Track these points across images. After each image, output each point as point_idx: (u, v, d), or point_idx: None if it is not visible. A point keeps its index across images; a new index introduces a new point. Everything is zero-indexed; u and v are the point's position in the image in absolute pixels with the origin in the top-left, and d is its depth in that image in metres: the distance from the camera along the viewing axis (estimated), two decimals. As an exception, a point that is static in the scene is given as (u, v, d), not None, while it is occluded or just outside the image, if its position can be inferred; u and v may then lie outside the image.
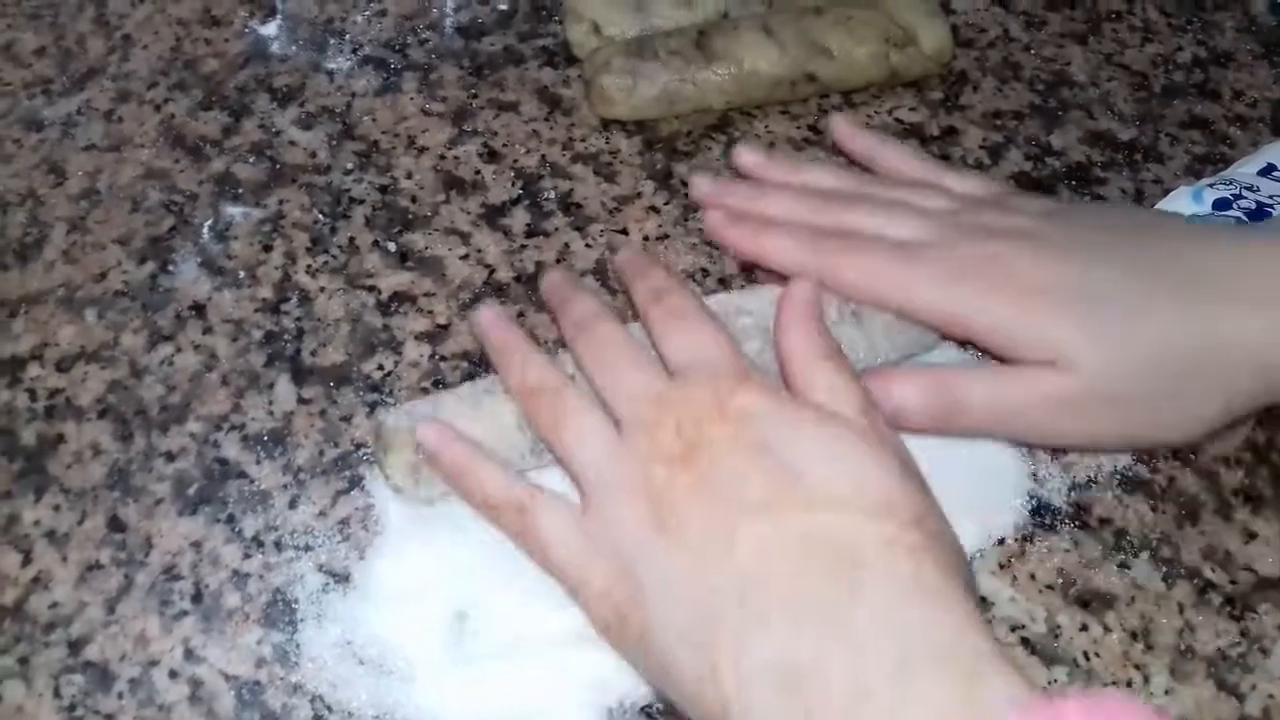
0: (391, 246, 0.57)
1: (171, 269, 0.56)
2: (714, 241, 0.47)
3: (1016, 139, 0.63)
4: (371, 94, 0.64)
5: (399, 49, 0.66)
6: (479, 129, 0.62)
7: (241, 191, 0.59)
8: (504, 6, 0.68)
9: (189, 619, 0.45)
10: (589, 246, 0.57)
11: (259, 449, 0.50)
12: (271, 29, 0.67)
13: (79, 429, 0.51)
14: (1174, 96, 0.65)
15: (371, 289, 0.55)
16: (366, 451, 0.50)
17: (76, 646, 0.45)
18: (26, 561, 0.47)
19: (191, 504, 0.48)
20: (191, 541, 0.47)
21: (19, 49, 0.66)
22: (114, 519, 0.48)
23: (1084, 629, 0.46)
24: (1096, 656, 0.45)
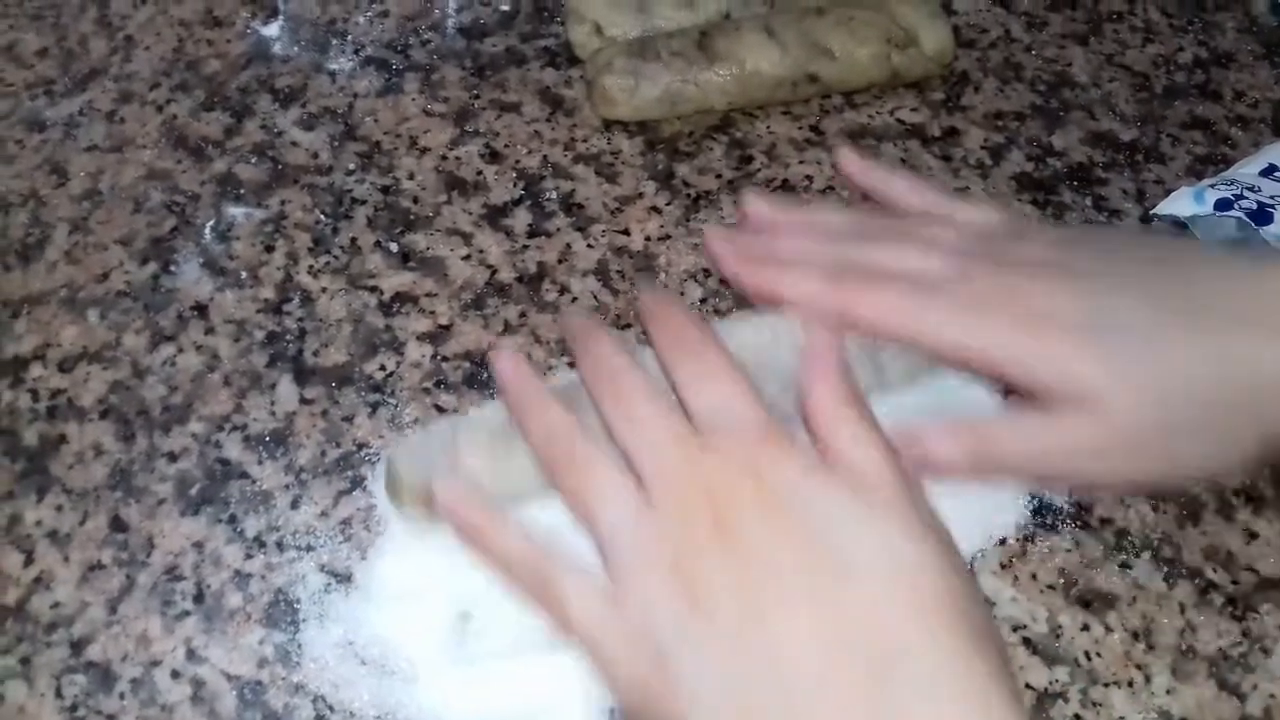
0: (393, 247, 0.57)
1: (173, 269, 0.56)
2: (723, 272, 0.46)
3: (1018, 139, 0.63)
4: (373, 95, 0.64)
5: (401, 50, 0.66)
6: (481, 129, 0.62)
7: (243, 192, 0.59)
8: (506, 7, 0.68)
9: (191, 619, 0.46)
10: (590, 247, 0.57)
11: (261, 449, 0.50)
12: (273, 30, 0.67)
13: (81, 429, 0.51)
14: (1175, 97, 0.65)
15: (373, 289, 0.55)
16: (369, 452, 0.50)
17: (78, 646, 0.45)
18: (29, 561, 0.47)
19: (193, 504, 0.48)
20: (193, 542, 0.47)
21: (21, 50, 0.66)
22: (116, 519, 0.48)
23: (1085, 629, 0.46)
24: (1098, 656, 0.45)
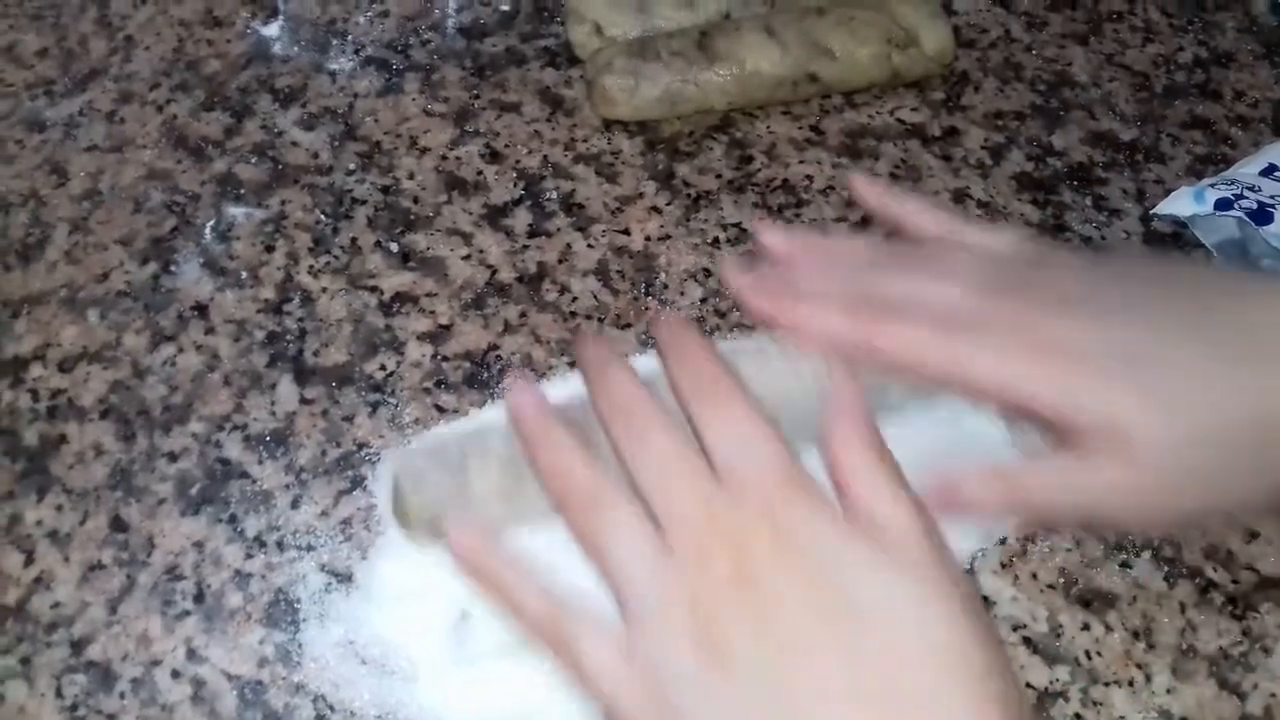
0: (394, 247, 0.57)
1: (174, 269, 0.56)
2: (742, 303, 0.45)
3: (1018, 139, 0.63)
4: (373, 95, 0.64)
5: (401, 50, 0.66)
6: (481, 130, 0.62)
7: (243, 192, 0.59)
8: (506, 7, 0.68)
9: (191, 619, 0.46)
10: (591, 247, 0.57)
11: (261, 449, 0.50)
12: (273, 30, 0.67)
13: (81, 429, 0.51)
14: (1175, 97, 0.65)
15: (374, 289, 0.55)
16: (369, 451, 0.50)
17: (79, 646, 0.45)
18: (29, 561, 0.47)
19: (194, 504, 0.48)
20: (194, 541, 0.47)
21: (21, 50, 0.66)
22: (116, 519, 0.48)
23: (1086, 628, 0.46)
24: (1098, 656, 0.45)
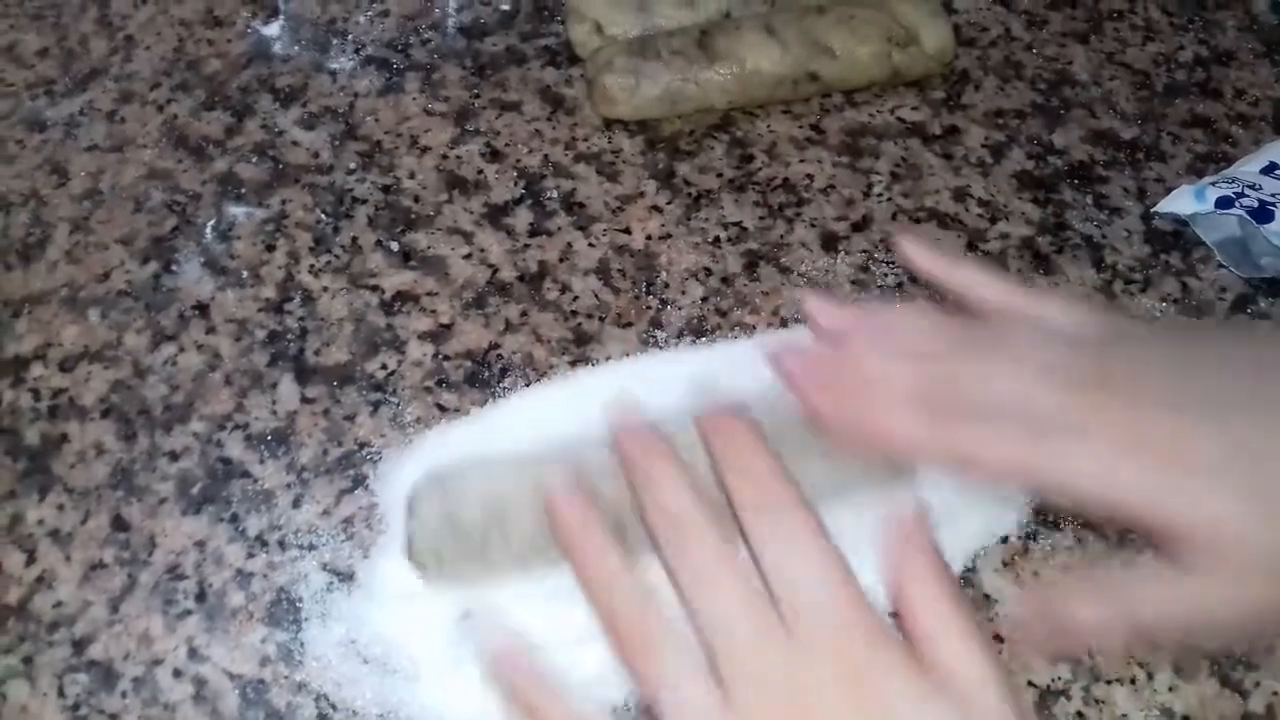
0: (394, 246, 0.57)
1: (174, 269, 0.56)
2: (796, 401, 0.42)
3: (1018, 138, 0.63)
4: (374, 94, 0.64)
5: (401, 49, 0.66)
6: (481, 129, 0.62)
7: (244, 191, 0.59)
8: (506, 6, 0.68)
9: (193, 618, 0.46)
10: (592, 246, 0.57)
11: (262, 448, 0.50)
12: (274, 29, 0.67)
13: (82, 429, 0.51)
14: (1176, 95, 0.65)
15: (374, 288, 0.55)
16: (370, 450, 0.50)
17: (80, 646, 0.45)
18: (30, 561, 0.47)
19: (195, 503, 0.48)
20: (195, 541, 0.47)
21: (22, 50, 0.66)
22: (117, 518, 0.48)
23: (1088, 627, 0.46)
24: (1100, 654, 0.45)
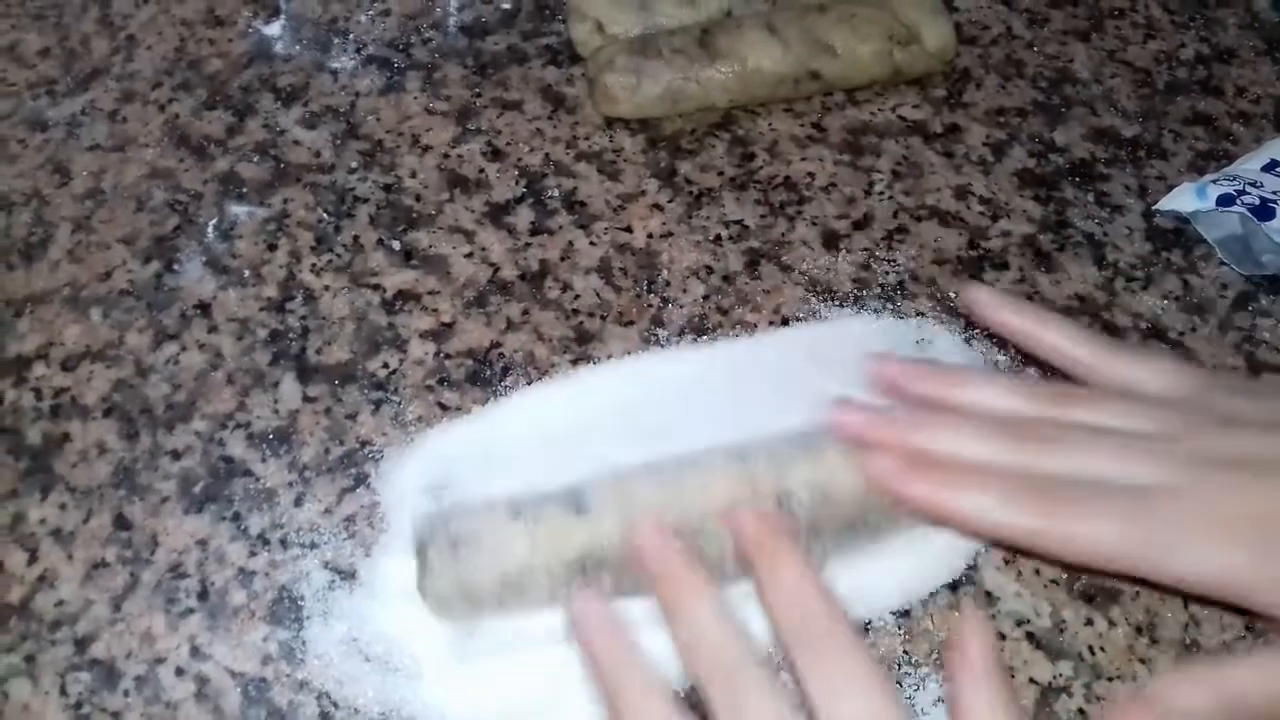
0: (396, 245, 0.57)
1: (176, 268, 0.56)
2: (881, 489, 0.40)
3: (1020, 136, 0.63)
4: (375, 93, 0.64)
5: (403, 48, 0.66)
6: (483, 128, 0.62)
7: (246, 191, 0.59)
8: (507, 5, 0.68)
9: (195, 616, 0.46)
10: (593, 244, 0.57)
11: (264, 447, 0.50)
12: (275, 29, 0.67)
13: (84, 428, 0.51)
14: (1177, 93, 0.65)
15: (376, 287, 0.55)
16: (372, 449, 0.50)
17: (83, 644, 0.45)
18: (33, 560, 0.47)
19: (197, 502, 0.48)
20: (197, 539, 0.47)
21: (23, 49, 0.66)
22: (120, 517, 0.48)
23: (1089, 623, 0.46)
24: (1101, 651, 0.45)
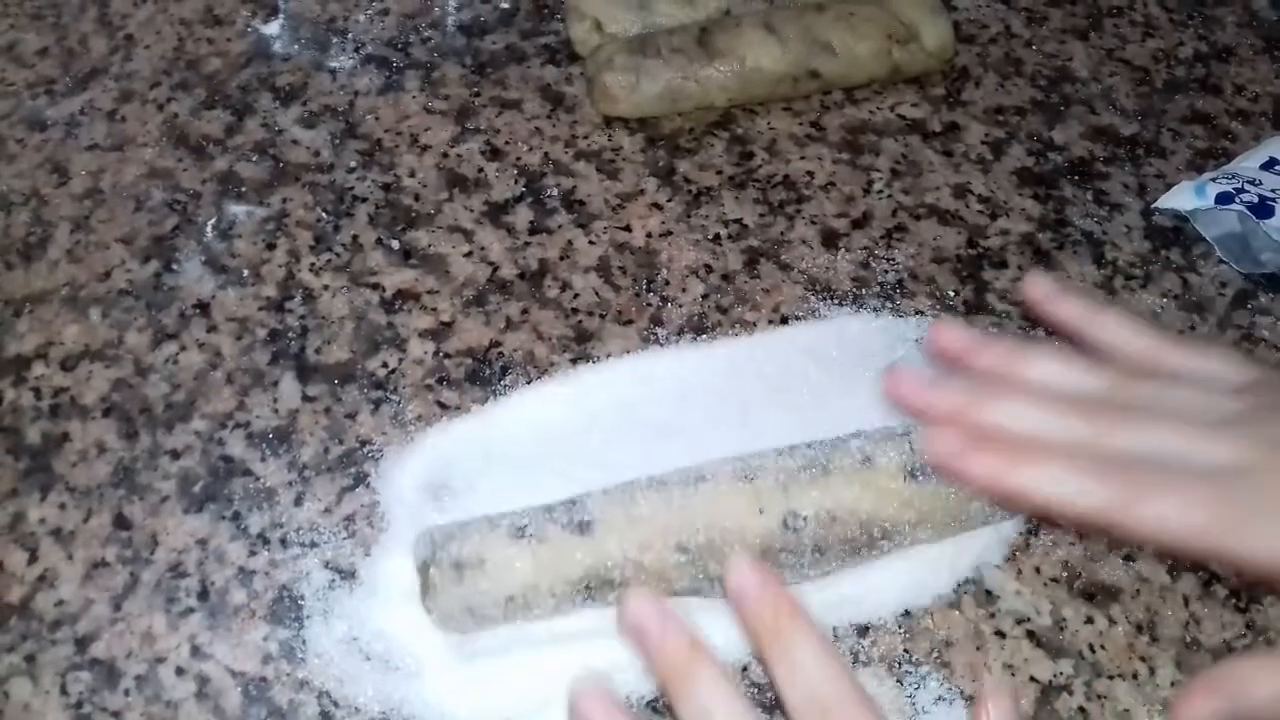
0: (395, 244, 0.57)
1: (175, 268, 0.56)
2: (943, 466, 0.37)
3: (1018, 134, 0.63)
4: (374, 92, 0.64)
5: (401, 48, 0.66)
6: (481, 127, 0.62)
7: (245, 190, 0.59)
8: (506, 5, 0.68)
9: (195, 616, 0.46)
10: (592, 243, 0.57)
11: (264, 446, 0.50)
12: (274, 28, 0.67)
13: (84, 427, 0.51)
14: (1175, 91, 0.65)
15: (375, 286, 0.55)
16: (371, 448, 0.50)
17: (83, 644, 0.45)
18: (33, 560, 0.47)
19: (197, 501, 0.48)
20: (197, 539, 0.47)
21: (22, 49, 0.66)
22: (119, 517, 0.48)
23: (1089, 622, 0.46)
24: (1102, 649, 0.45)
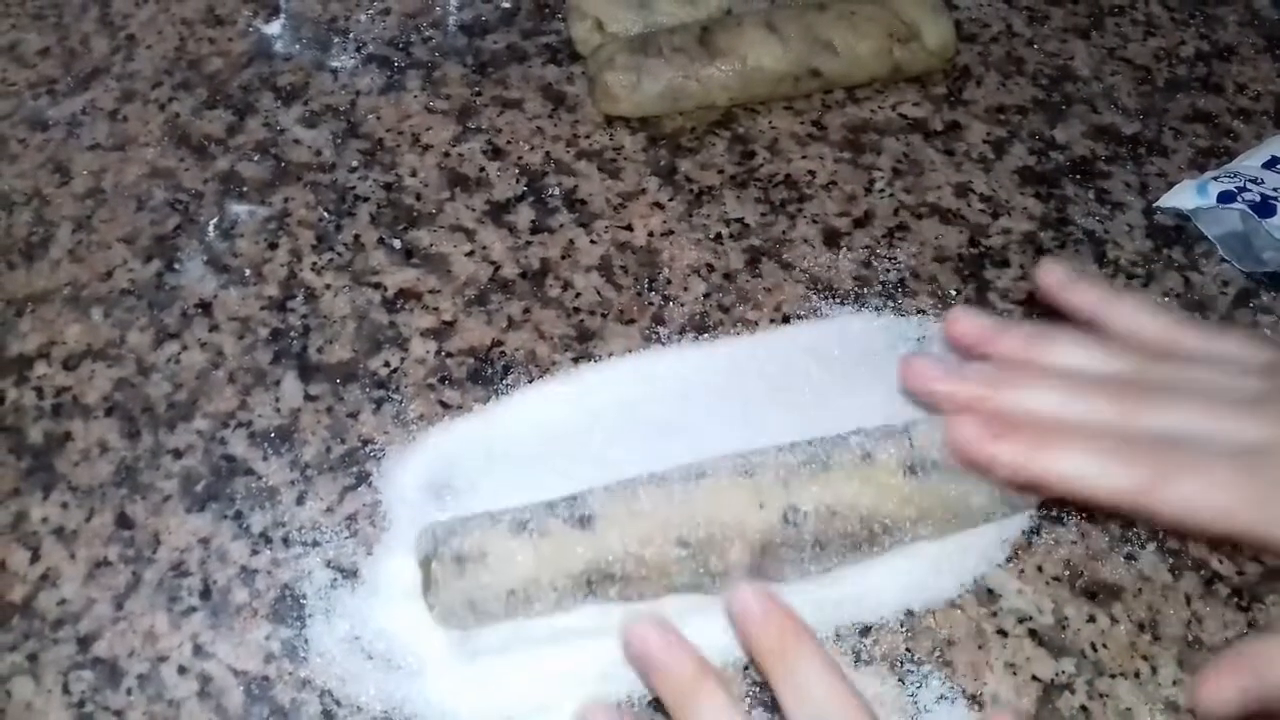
0: (397, 244, 0.57)
1: (177, 267, 0.56)
2: (967, 455, 0.37)
3: (1020, 133, 0.63)
4: (375, 92, 0.64)
5: (403, 47, 0.66)
6: (483, 126, 0.62)
7: (246, 190, 0.59)
8: (507, 4, 0.68)
9: (197, 615, 0.46)
10: (594, 242, 0.57)
11: (266, 446, 0.50)
12: (275, 28, 0.67)
13: (86, 427, 0.51)
14: (1177, 90, 0.65)
15: (377, 286, 0.55)
16: (374, 447, 0.50)
17: (85, 643, 0.45)
18: (35, 559, 0.47)
19: (199, 501, 0.48)
20: (199, 538, 0.47)
21: (24, 49, 0.66)
22: (122, 516, 0.48)
23: (1091, 620, 0.46)
24: (1104, 648, 0.45)
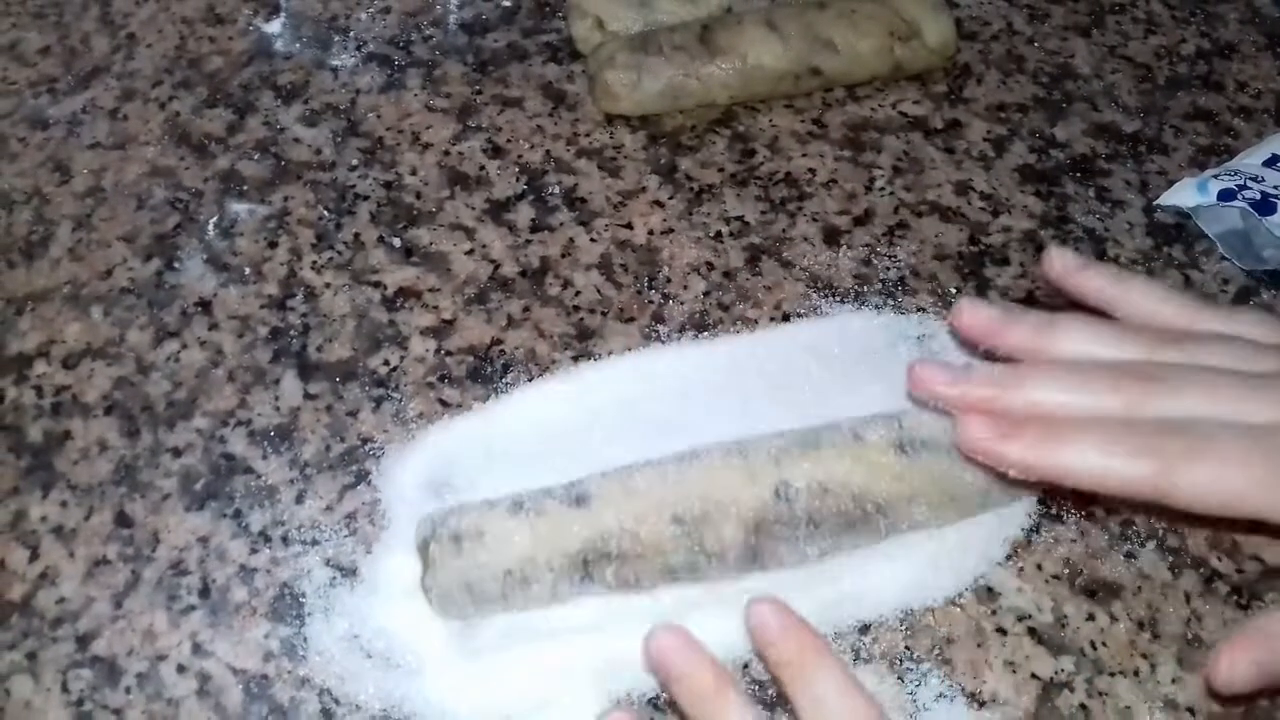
0: (396, 242, 0.57)
1: (177, 266, 0.56)
2: (977, 456, 0.37)
3: (1020, 131, 0.62)
4: (376, 90, 0.64)
5: (403, 45, 0.66)
6: (483, 125, 0.62)
7: (246, 188, 0.59)
8: (508, 3, 0.68)
9: (196, 613, 0.46)
10: (594, 241, 0.57)
11: (265, 444, 0.50)
12: (275, 26, 0.67)
13: (86, 425, 0.51)
14: (1178, 88, 0.65)
15: (377, 284, 0.55)
16: (373, 446, 0.50)
17: (84, 641, 0.45)
18: (34, 557, 0.47)
19: (198, 499, 0.48)
20: (198, 536, 0.47)
21: (24, 48, 0.66)
22: (121, 514, 0.48)
23: (1091, 619, 0.46)
24: (1103, 646, 0.45)
